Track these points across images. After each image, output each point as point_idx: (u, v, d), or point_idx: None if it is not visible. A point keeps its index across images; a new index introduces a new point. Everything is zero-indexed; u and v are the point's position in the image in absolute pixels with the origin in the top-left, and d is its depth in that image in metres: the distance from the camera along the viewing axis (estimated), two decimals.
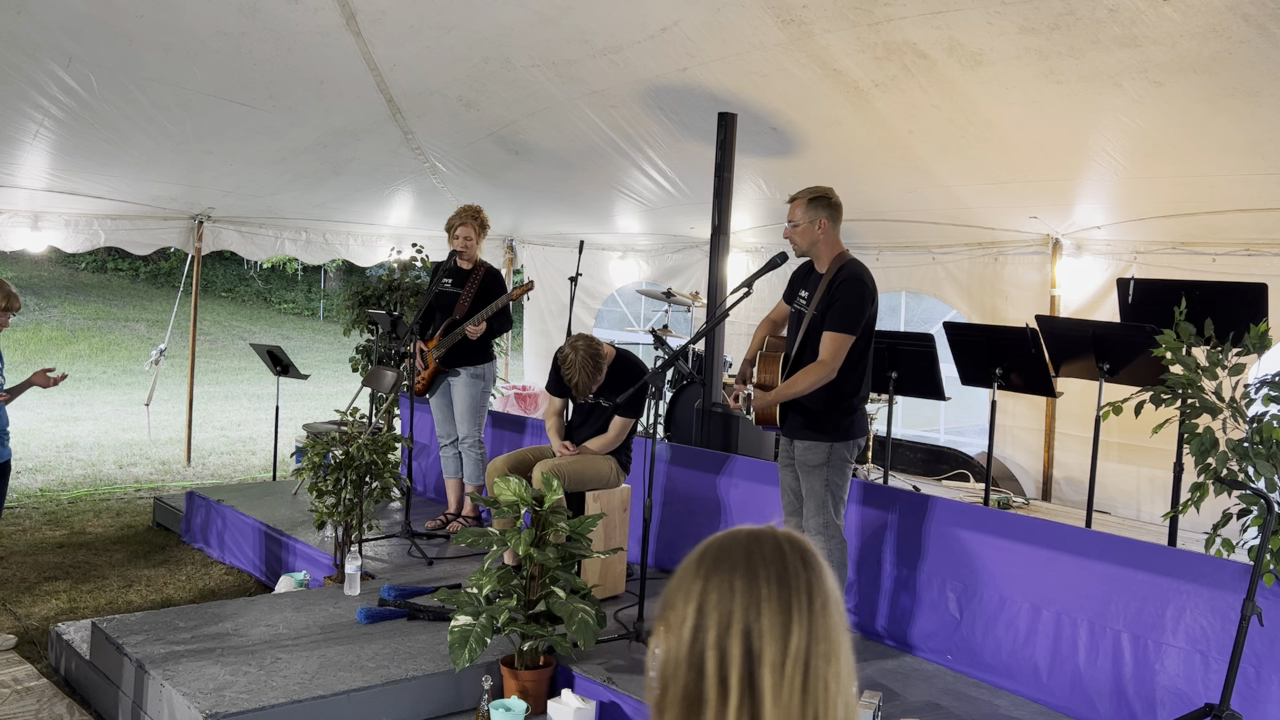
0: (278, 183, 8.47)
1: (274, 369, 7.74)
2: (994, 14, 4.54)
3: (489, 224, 6.14)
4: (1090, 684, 3.88)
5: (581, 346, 4.99)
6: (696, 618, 1.11)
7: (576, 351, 4.97)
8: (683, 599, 1.13)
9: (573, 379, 4.99)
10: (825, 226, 4.24)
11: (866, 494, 4.81)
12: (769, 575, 1.12)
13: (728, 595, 1.11)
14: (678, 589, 1.15)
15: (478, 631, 3.80)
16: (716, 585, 1.12)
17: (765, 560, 1.13)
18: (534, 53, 6.04)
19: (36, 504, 7.61)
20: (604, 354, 5.08)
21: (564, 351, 5.04)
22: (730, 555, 1.14)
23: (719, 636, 1.09)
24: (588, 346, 5.01)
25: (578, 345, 5.01)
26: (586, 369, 4.96)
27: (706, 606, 1.11)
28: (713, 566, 1.14)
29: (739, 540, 1.16)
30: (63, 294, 21.81)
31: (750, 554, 1.14)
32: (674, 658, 1.12)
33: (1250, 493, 3.31)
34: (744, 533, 1.17)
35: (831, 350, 4.10)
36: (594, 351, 5.00)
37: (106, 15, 5.58)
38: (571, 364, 4.97)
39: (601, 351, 5.06)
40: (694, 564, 1.16)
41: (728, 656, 1.09)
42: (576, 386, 5.01)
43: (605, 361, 5.08)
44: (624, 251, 10.50)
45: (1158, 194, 5.90)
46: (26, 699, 4.18)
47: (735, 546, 1.15)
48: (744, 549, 1.14)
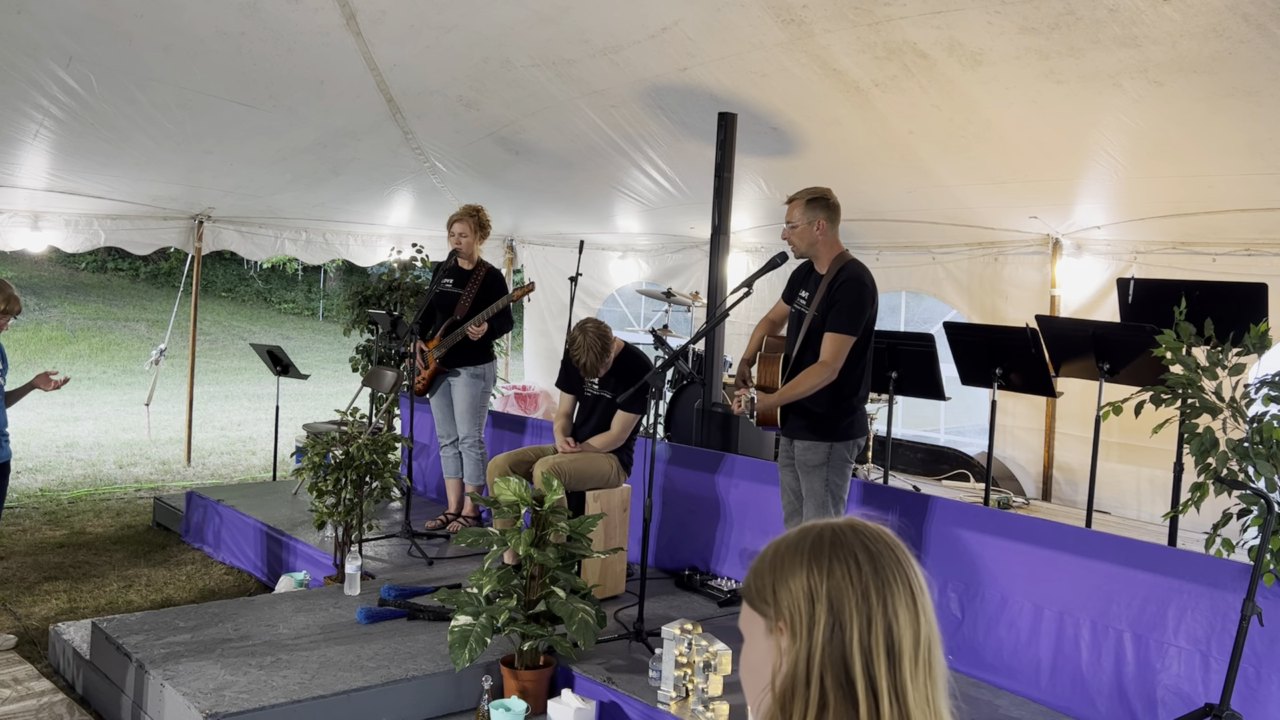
0: (278, 183, 8.47)
1: (274, 369, 7.74)
2: (994, 14, 4.54)
3: (489, 224, 6.13)
4: (1091, 684, 3.88)
5: (590, 327, 5.12)
6: (830, 617, 1.06)
7: (585, 333, 5.09)
8: (806, 598, 1.07)
9: (580, 359, 5.09)
10: (824, 227, 4.24)
11: (866, 494, 4.81)
12: (893, 569, 1.08)
13: (864, 592, 1.06)
14: (793, 586, 1.09)
15: (478, 631, 3.80)
16: (848, 582, 1.07)
17: (883, 554, 1.09)
18: (534, 53, 6.04)
19: (36, 504, 7.61)
20: (612, 339, 5.19)
21: (573, 334, 5.16)
22: (849, 549, 1.09)
23: (861, 635, 1.05)
24: (597, 328, 5.13)
25: (587, 327, 5.13)
26: (595, 350, 5.06)
27: (841, 605, 1.06)
28: (835, 561, 1.08)
29: (847, 534, 1.11)
30: (63, 294, 21.81)
31: (868, 548, 1.09)
32: (806, 660, 1.06)
33: (1250, 493, 3.31)
34: (845, 526, 1.12)
35: (833, 351, 4.10)
36: (603, 334, 5.12)
37: (106, 15, 5.57)
38: (580, 345, 5.08)
39: (610, 336, 5.17)
40: (808, 559, 1.09)
41: (874, 655, 1.05)
42: (584, 367, 5.10)
43: (613, 347, 5.18)
44: (624, 251, 10.50)
45: (1158, 194, 5.90)
46: (26, 699, 4.18)
47: (848, 540, 1.10)
48: (859, 543, 1.09)
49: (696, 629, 3.77)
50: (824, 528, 1.13)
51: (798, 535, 1.14)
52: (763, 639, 1.12)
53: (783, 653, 1.09)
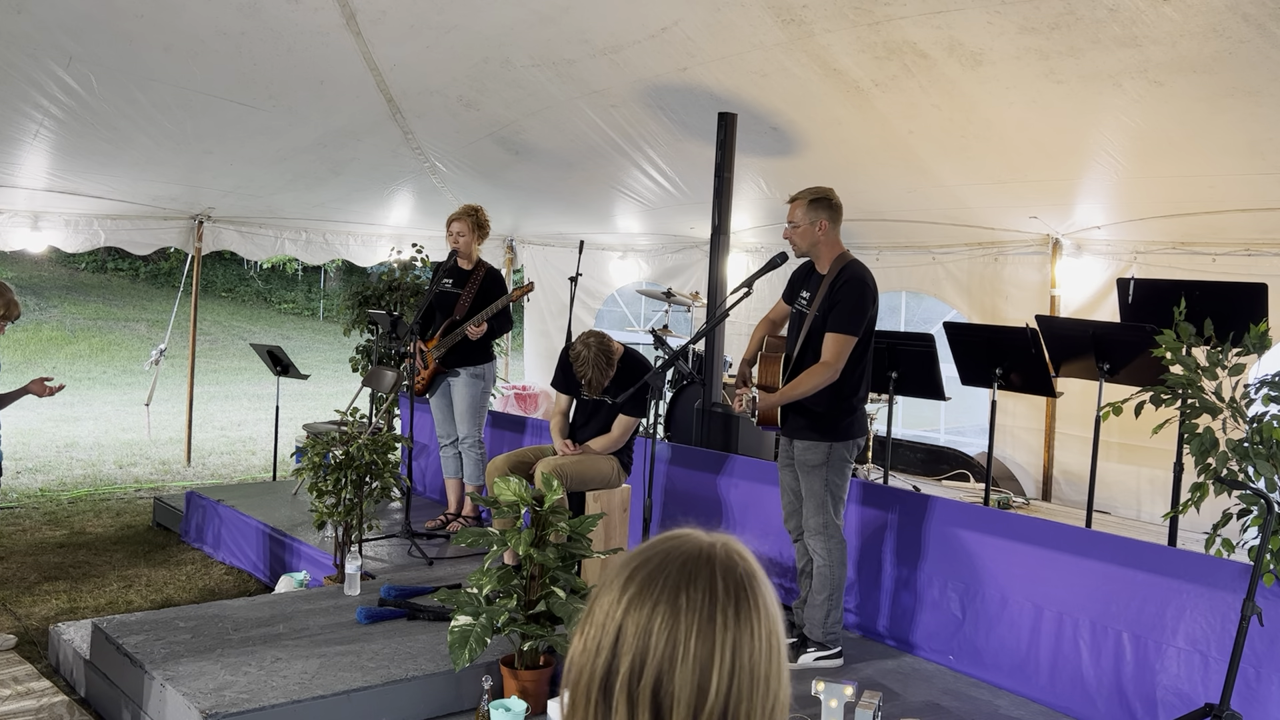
0: (278, 183, 8.47)
1: (274, 369, 7.74)
2: (994, 14, 4.54)
3: (489, 225, 6.13)
4: (1091, 684, 3.88)
5: (594, 343, 5.03)
6: (612, 643, 1.00)
7: (589, 348, 5.01)
8: (601, 610, 1.02)
9: (585, 375, 5.02)
10: (826, 228, 4.24)
11: (866, 494, 4.81)
12: (693, 614, 0.99)
13: (645, 630, 0.99)
14: (601, 594, 1.03)
15: (478, 631, 3.80)
16: (636, 613, 1.00)
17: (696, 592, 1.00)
18: (534, 53, 6.04)
19: (36, 504, 7.61)
20: (615, 350, 5.12)
21: (576, 349, 5.08)
22: (657, 580, 1.01)
23: (628, 678, 0.98)
24: (599, 343, 5.04)
25: (590, 342, 5.04)
26: (600, 366, 4.99)
27: (623, 634, 0.99)
28: (638, 589, 1.01)
29: (672, 561, 1.02)
30: (63, 294, 21.81)
31: (679, 584, 1.00)
32: (582, 665, 1.02)
33: (1250, 493, 3.31)
34: (680, 553, 1.03)
35: (835, 351, 4.10)
36: (605, 348, 5.05)
37: (106, 15, 5.57)
38: (585, 361, 5.00)
39: (612, 348, 5.10)
40: (621, 575, 1.03)
41: (637, 702, 0.98)
42: (589, 383, 5.04)
43: (616, 357, 5.11)
44: (624, 251, 10.50)
45: (1158, 194, 5.90)
46: (26, 699, 4.18)
47: (668, 570, 1.01)
48: (675, 576, 1.01)
49: None
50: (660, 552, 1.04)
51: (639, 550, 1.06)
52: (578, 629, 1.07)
53: (574, 650, 1.04)
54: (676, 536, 1.06)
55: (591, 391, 5.10)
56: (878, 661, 4.39)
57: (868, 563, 4.72)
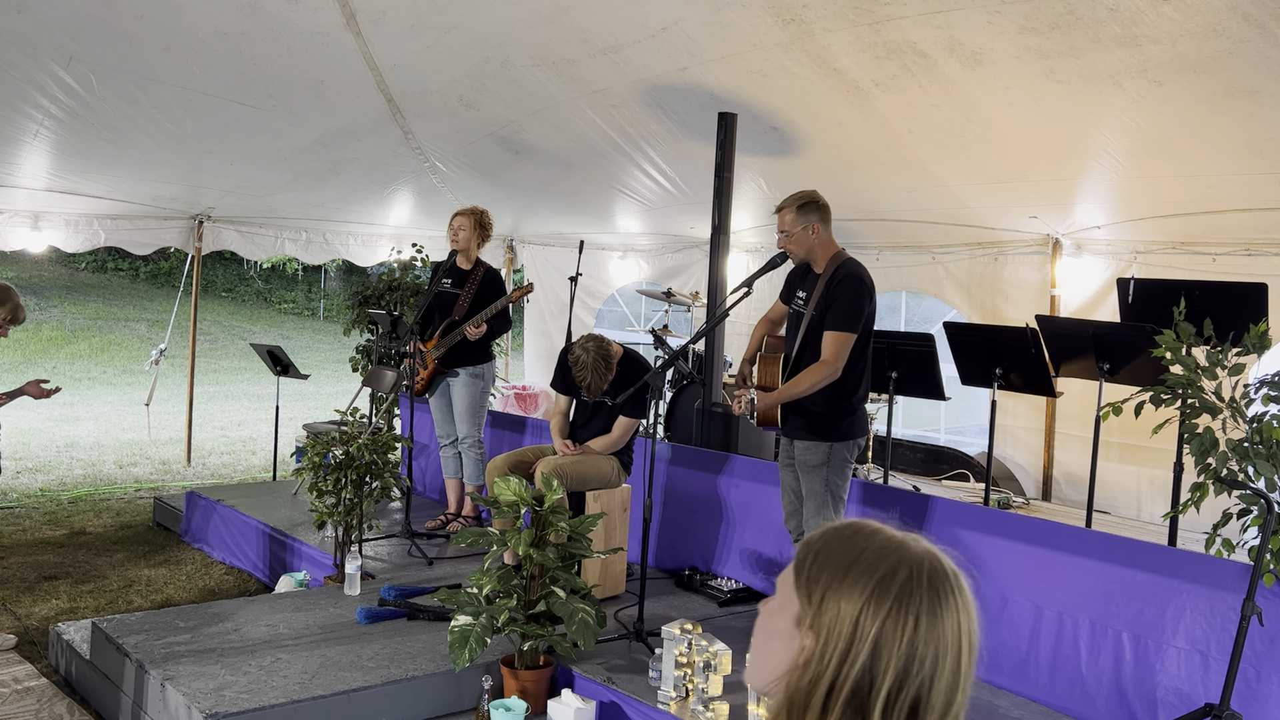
0: (278, 183, 8.47)
1: (274, 369, 7.74)
2: (994, 13, 4.54)
3: (491, 227, 6.13)
4: (1091, 684, 3.88)
5: (592, 347, 5.01)
6: (869, 658, 1.03)
7: (588, 352, 4.99)
8: (851, 624, 1.05)
9: (584, 379, 5.00)
10: (819, 230, 4.25)
11: (866, 494, 4.81)
12: (951, 628, 1.05)
13: (908, 646, 1.04)
14: (842, 604, 1.06)
15: (478, 631, 3.80)
16: (897, 633, 1.04)
17: (945, 608, 1.05)
18: (534, 52, 6.04)
19: (36, 504, 7.61)
20: (614, 353, 5.10)
21: (575, 352, 5.06)
22: (915, 595, 1.05)
23: (891, 689, 1.03)
24: (598, 347, 5.02)
25: (588, 346, 5.02)
26: (599, 369, 4.98)
27: (881, 651, 1.03)
28: (897, 605, 1.04)
29: (919, 577, 1.06)
30: (63, 294, 21.81)
31: (933, 599, 1.05)
32: (827, 684, 1.04)
33: (1250, 493, 3.31)
34: (924, 563, 1.07)
35: (834, 350, 4.11)
36: (604, 351, 5.02)
37: (106, 15, 5.57)
38: (584, 365, 4.98)
39: (611, 351, 5.08)
40: (870, 588, 1.05)
41: (895, 710, 1.04)
42: (588, 387, 5.02)
43: (615, 360, 5.10)
44: (624, 251, 10.50)
45: (1158, 194, 5.90)
46: (26, 699, 4.18)
47: (919, 585, 1.06)
48: (929, 589, 1.05)
49: (696, 629, 3.77)
50: (902, 560, 1.08)
51: (875, 553, 1.08)
52: (790, 621, 1.10)
53: (804, 655, 1.07)
54: (894, 546, 1.09)
55: (591, 395, 5.09)
56: None
57: None
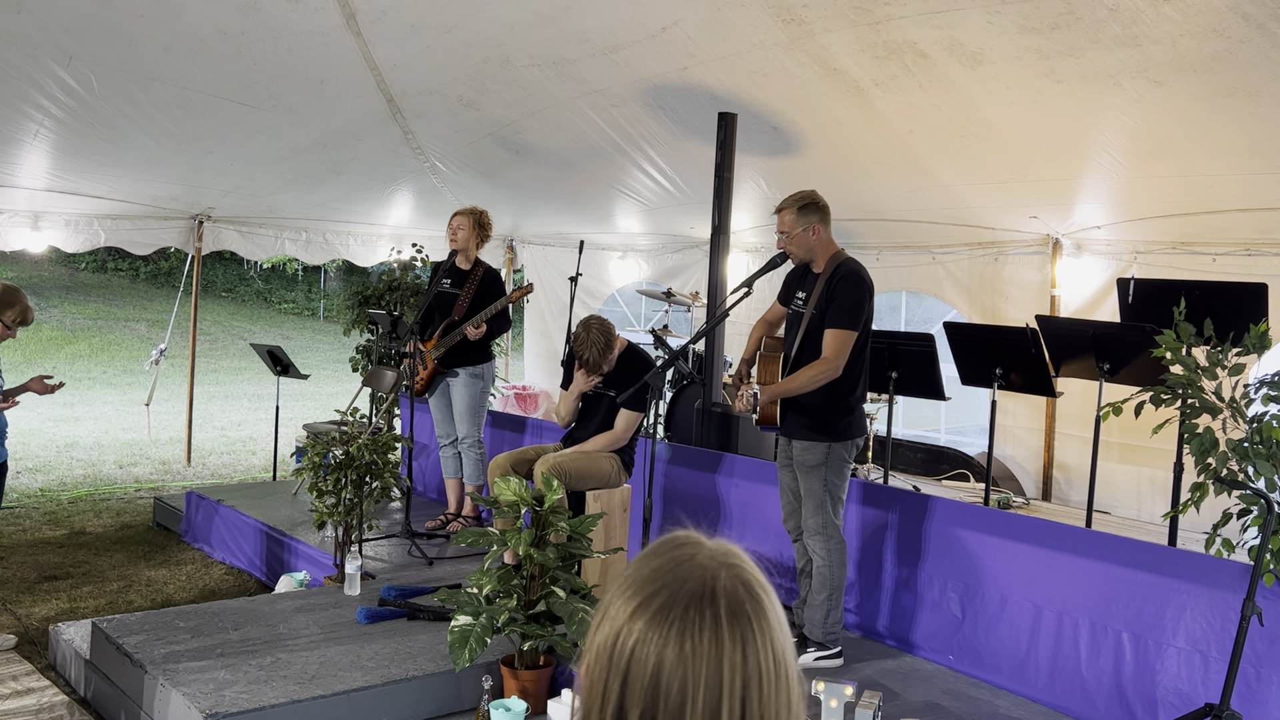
0: (278, 183, 8.47)
1: (274, 369, 7.74)
2: (994, 13, 4.54)
3: (491, 228, 6.13)
4: (1091, 684, 3.88)
5: (595, 325, 5.17)
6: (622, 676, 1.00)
7: (590, 329, 5.14)
8: (605, 636, 1.03)
9: (583, 354, 5.14)
10: (819, 231, 4.26)
11: (866, 494, 4.81)
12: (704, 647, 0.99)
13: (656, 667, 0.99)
14: (604, 621, 1.04)
15: (478, 631, 3.79)
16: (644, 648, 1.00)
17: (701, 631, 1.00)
18: (534, 52, 6.04)
19: (36, 504, 7.61)
20: (615, 336, 5.23)
21: (577, 329, 5.21)
22: (668, 613, 1.01)
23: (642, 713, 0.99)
24: (601, 325, 5.18)
25: (591, 324, 5.18)
26: (599, 345, 5.10)
27: (633, 669, 1.00)
28: (647, 625, 1.01)
29: (679, 593, 1.02)
30: (63, 294, 21.81)
31: (687, 618, 1.00)
32: (590, 699, 1.03)
33: (1250, 493, 3.31)
34: (686, 580, 1.03)
35: (835, 347, 4.11)
36: (606, 331, 5.16)
37: (106, 15, 5.57)
38: (583, 341, 5.13)
39: (613, 333, 5.21)
40: (628, 601, 1.03)
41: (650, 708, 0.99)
42: (588, 363, 5.14)
43: (616, 344, 5.22)
44: (624, 251, 10.50)
45: (1158, 194, 5.90)
46: (26, 699, 4.18)
47: (675, 602, 1.01)
48: (683, 608, 1.01)
49: None
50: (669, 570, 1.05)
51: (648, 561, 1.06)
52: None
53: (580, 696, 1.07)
54: (680, 558, 1.06)
55: (590, 371, 5.19)
56: (878, 661, 4.39)
57: (868, 563, 4.72)
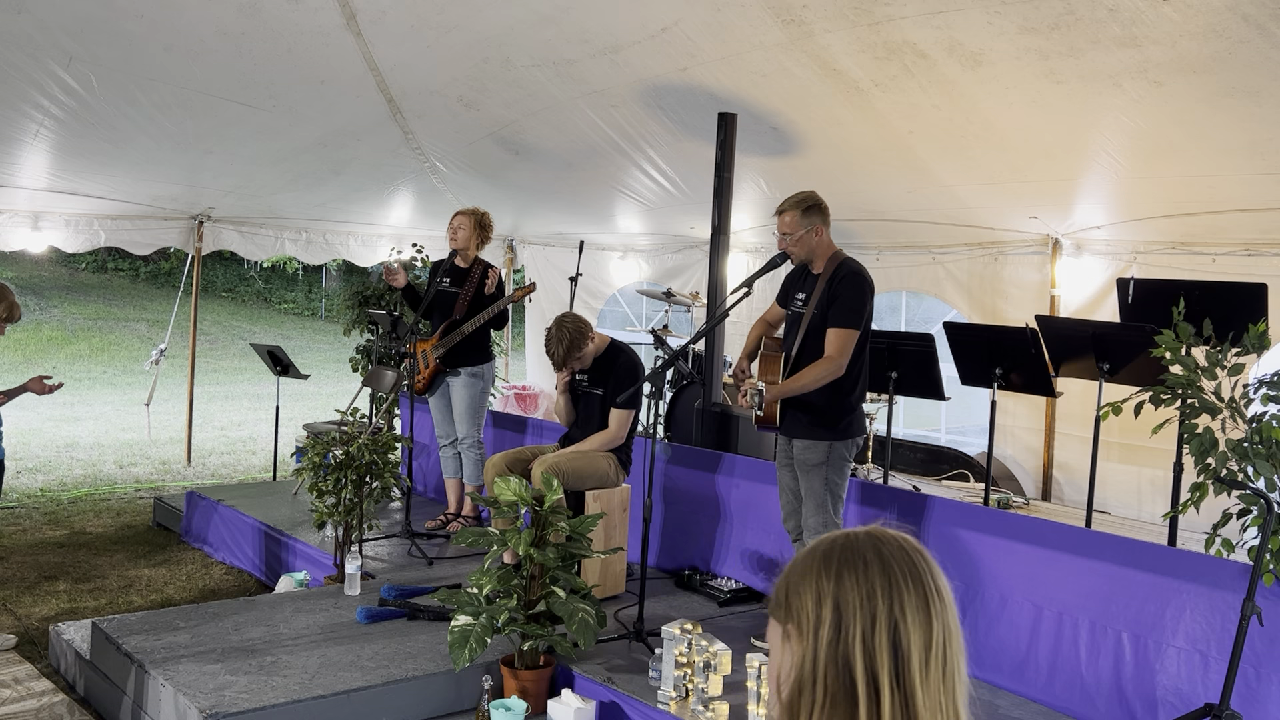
0: (278, 183, 8.47)
1: (274, 369, 7.74)
2: (994, 14, 4.54)
3: (491, 229, 6.14)
4: (1091, 684, 3.88)
5: (567, 322, 5.12)
6: (835, 618, 1.10)
7: (560, 327, 5.11)
8: (814, 601, 1.12)
9: (549, 350, 5.13)
10: (821, 232, 4.27)
11: (866, 494, 4.81)
12: (904, 572, 1.13)
13: (868, 593, 1.11)
14: (803, 591, 1.13)
15: (478, 631, 3.80)
16: (854, 585, 1.11)
17: (896, 558, 1.13)
18: (534, 53, 6.04)
19: (36, 504, 7.61)
20: (589, 335, 5.16)
21: (548, 327, 5.18)
22: (859, 554, 1.13)
23: (864, 635, 1.09)
24: (573, 323, 5.12)
25: (563, 321, 5.14)
26: (564, 343, 5.06)
27: (844, 606, 1.10)
28: (844, 566, 1.12)
29: (861, 540, 1.15)
30: (63, 294, 21.81)
31: (880, 552, 1.14)
32: (812, 661, 1.10)
33: (1250, 493, 3.31)
34: (863, 533, 1.17)
35: (838, 346, 4.12)
36: (577, 328, 5.10)
37: (106, 15, 5.57)
38: (551, 338, 5.11)
39: (586, 332, 5.15)
40: (819, 565, 1.14)
41: (876, 655, 1.09)
42: (553, 359, 5.13)
43: (590, 342, 5.16)
44: (624, 251, 10.50)
45: (1158, 194, 5.90)
46: (26, 699, 4.18)
47: (861, 546, 1.14)
48: (871, 548, 1.14)
49: (696, 629, 3.77)
50: (839, 535, 1.17)
51: (813, 544, 1.18)
52: (777, 646, 1.16)
53: (791, 656, 1.13)
54: (843, 532, 1.18)
55: (555, 367, 5.17)
56: None
57: None
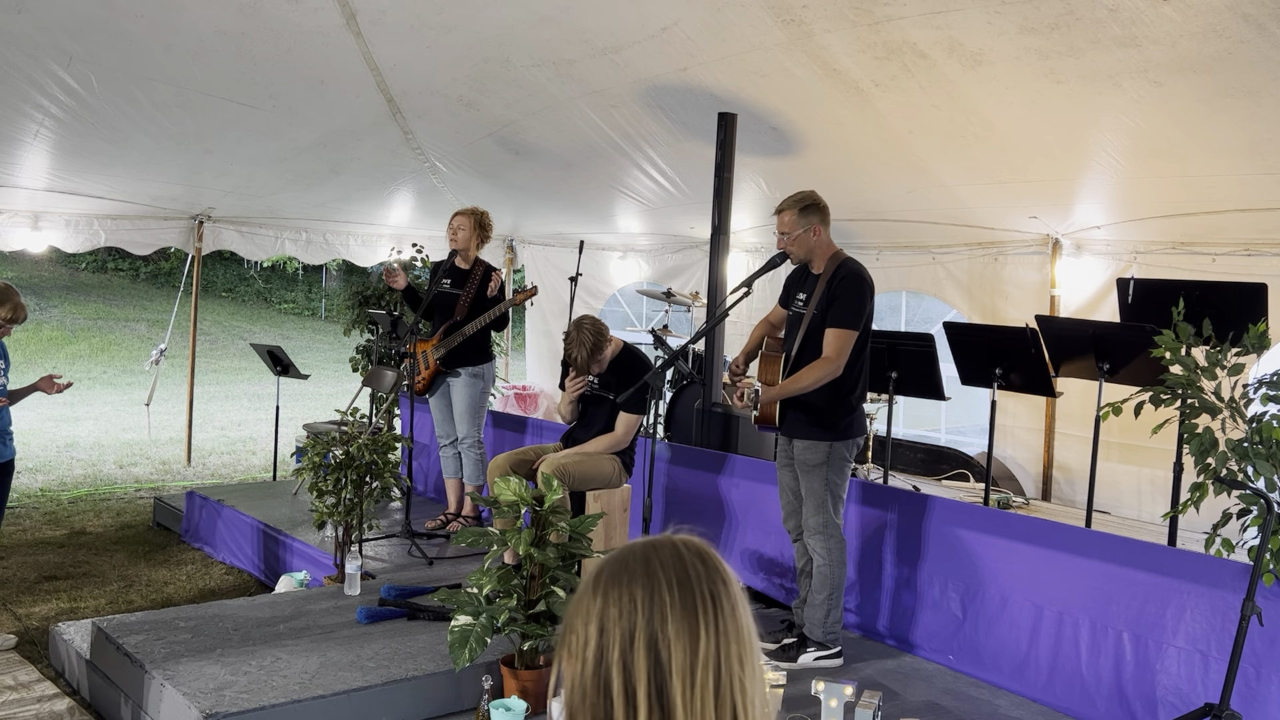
0: (278, 183, 8.47)
1: (274, 369, 7.74)
2: (994, 14, 4.54)
3: (491, 228, 6.14)
4: (1091, 684, 3.88)
5: (587, 325, 5.15)
6: (599, 637, 1.06)
7: (581, 329, 5.12)
8: (582, 621, 1.08)
9: (571, 353, 5.13)
10: (820, 231, 4.27)
11: (866, 494, 4.81)
12: (670, 581, 1.07)
13: (629, 608, 1.05)
14: (576, 612, 1.09)
15: (478, 631, 3.80)
16: (615, 600, 1.06)
17: (664, 567, 1.08)
18: (534, 53, 6.04)
19: (36, 504, 7.61)
20: (608, 338, 5.21)
21: (568, 329, 5.20)
22: (627, 568, 1.09)
23: (622, 651, 1.04)
24: (593, 326, 5.16)
25: (583, 324, 5.16)
26: (587, 345, 5.08)
27: (607, 623, 1.06)
28: (610, 581, 1.08)
29: (635, 552, 1.11)
30: (63, 294, 21.81)
31: (648, 562, 1.08)
32: (579, 683, 1.06)
33: (1250, 493, 3.31)
34: (640, 544, 1.12)
35: (836, 346, 4.12)
36: (598, 331, 5.14)
37: (106, 15, 5.58)
38: (573, 340, 5.11)
39: (606, 334, 5.19)
40: (590, 583, 1.10)
41: (633, 670, 1.04)
42: (575, 362, 5.14)
43: (609, 345, 5.20)
44: (624, 251, 10.51)
45: (1158, 194, 5.90)
46: (26, 699, 4.18)
47: (631, 559, 1.10)
48: (640, 559, 1.09)
49: None
50: (619, 550, 1.13)
51: (597, 562, 1.14)
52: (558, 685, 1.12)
53: (565, 680, 1.09)
54: (626, 544, 1.14)
55: (578, 371, 5.18)
56: (878, 661, 4.39)
57: (868, 563, 4.72)
